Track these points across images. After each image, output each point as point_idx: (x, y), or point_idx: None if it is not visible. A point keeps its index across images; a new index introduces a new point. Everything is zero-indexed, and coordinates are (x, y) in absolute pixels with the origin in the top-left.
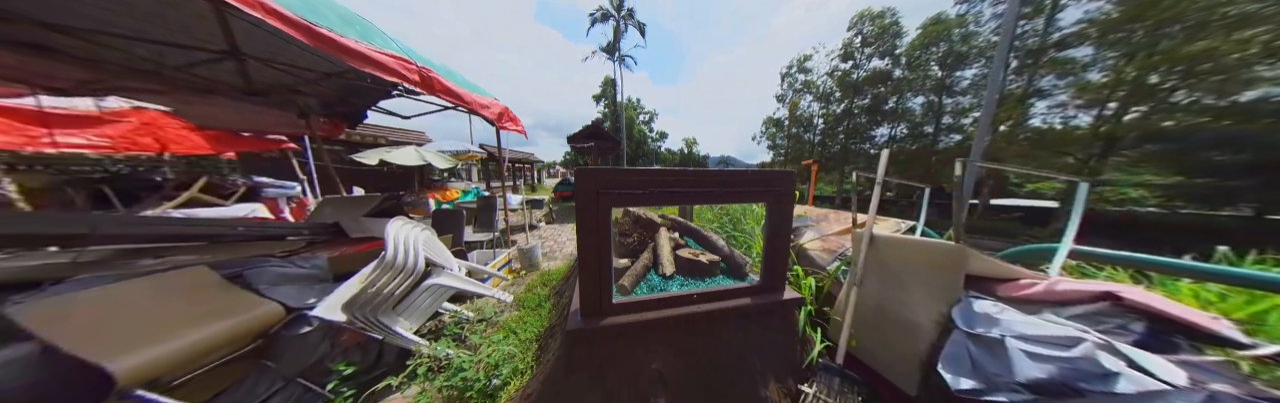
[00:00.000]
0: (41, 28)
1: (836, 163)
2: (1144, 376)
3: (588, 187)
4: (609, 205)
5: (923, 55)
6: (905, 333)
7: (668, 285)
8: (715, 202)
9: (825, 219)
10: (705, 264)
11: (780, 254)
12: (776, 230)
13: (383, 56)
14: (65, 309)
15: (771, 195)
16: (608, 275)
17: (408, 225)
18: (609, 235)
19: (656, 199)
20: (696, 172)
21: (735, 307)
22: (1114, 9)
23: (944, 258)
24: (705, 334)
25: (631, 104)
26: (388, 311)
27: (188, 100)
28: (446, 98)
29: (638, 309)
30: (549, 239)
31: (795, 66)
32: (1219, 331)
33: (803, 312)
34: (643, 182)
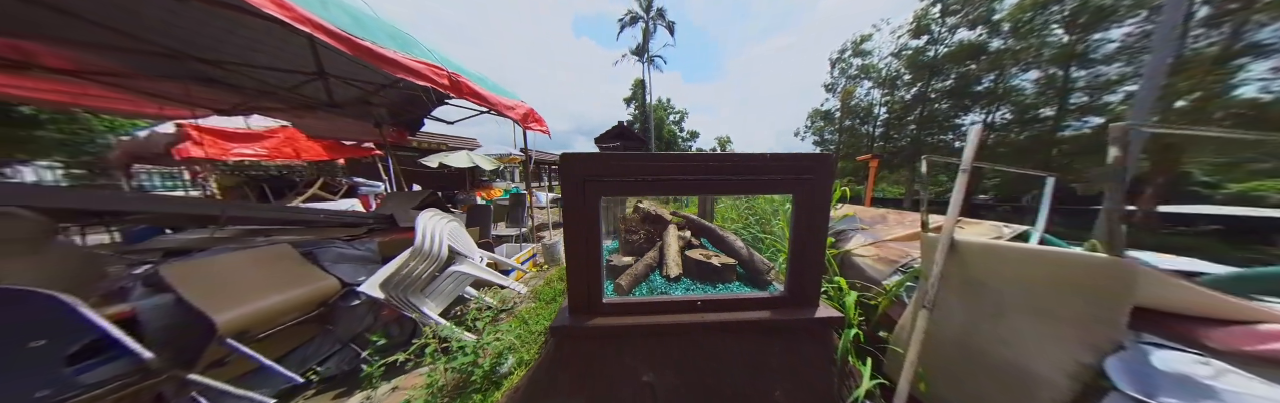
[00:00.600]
0: (205, 64)
1: (904, 160)
2: None
3: (573, 174)
4: (597, 195)
5: (1037, 17)
6: (1011, 385)
7: (671, 289)
8: (727, 193)
9: (882, 221)
10: (717, 267)
11: (813, 259)
12: (808, 229)
13: (415, 64)
14: (195, 270)
15: (802, 186)
16: (598, 270)
17: (437, 217)
18: (598, 227)
19: (653, 188)
20: (703, 156)
21: (749, 320)
22: None
23: (1092, 277)
24: (709, 350)
25: (661, 105)
26: (417, 292)
27: (299, 115)
28: (474, 100)
29: (631, 311)
30: None
31: (849, 50)
32: None
33: (846, 335)
34: (635, 168)
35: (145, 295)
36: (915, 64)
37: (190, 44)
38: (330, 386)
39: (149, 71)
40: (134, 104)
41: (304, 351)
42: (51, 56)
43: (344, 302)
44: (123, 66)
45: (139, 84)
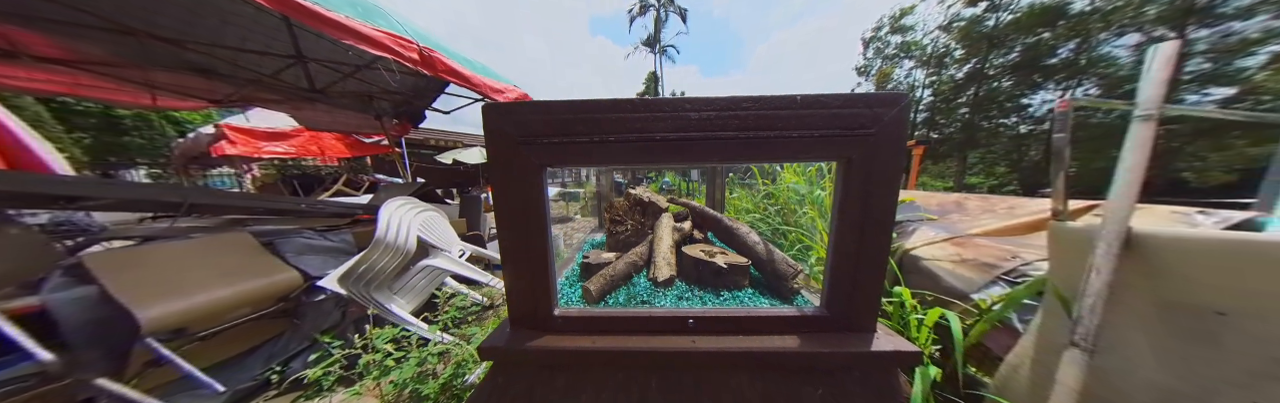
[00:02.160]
0: (167, 43)
1: (954, 147)
2: None
3: (503, 132)
4: (540, 166)
5: None
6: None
7: (657, 298)
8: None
9: (958, 209)
10: (722, 269)
11: (871, 259)
12: (866, 213)
13: (376, 33)
14: (129, 260)
15: (856, 147)
16: (545, 272)
17: (405, 206)
18: (545, 209)
19: (625, 154)
20: (699, 101)
21: (768, 351)
22: None
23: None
24: (706, 394)
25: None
26: (381, 288)
27: (298, 107)
28: (451, 78)
29: (593, 329)
30: (580, 231)
31: (886, 27)
32: None
33: (919, 377)
34: (599, 123)
35: (62, 288)
36: (970, 36)
37: (153, 24)
38: (297, 386)
39: (134, 59)
40: (132, 95)
41: (270, 348)
42: (38, 44)
43: (309, 297)
44: (104, 54)
45: (128, 73)
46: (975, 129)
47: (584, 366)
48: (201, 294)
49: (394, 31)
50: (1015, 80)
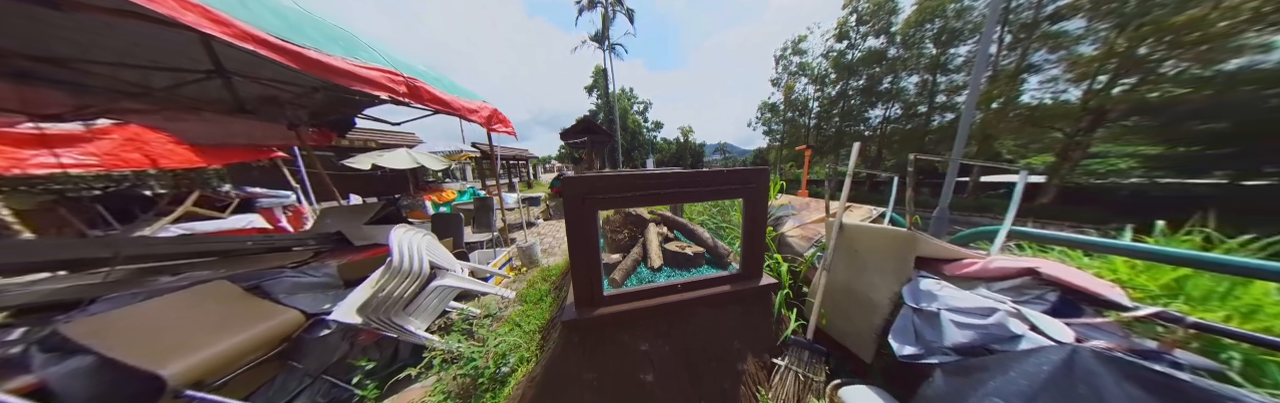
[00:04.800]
0: (28, 60)
1: (832, 147)
2: (1039, 336)
3: (575, 193)
4: (595, 209)
5: (917, 33)
6: (865, 310)
7: (656, 277)
8: (696, 200)
9: (806, 208)
10: (690, 256)
11: (757, 244)
12: (754, 222)
13: (370, 72)
14: (110, 324)
15: (747, 192)
16: (597, 271)
17: (410, 232)
18: (597, 236)
19: (640, 201)
20: (677, 173)
21: (716, 294)
22: None
23: (897, 244)
24: (689, 319)
25: (625, 94)
26: (399, 312)
27: (178, 118)
28: (435, 107)
29: (627, 300)
30: (548, 235)
31: (790, 48)
32: (1111, 297)
33: (779, 295)
34: (626, 185)
35: (51, 362)
36: (838, 64)
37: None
38: None
39: None
40: None
41: (264, 393)
42: None
43: (310, 333)
44: None
45: None
46: (844, 134)
47: (627, 320)
48: (211, 345)
49: (381, 66)
50: (861, 100)
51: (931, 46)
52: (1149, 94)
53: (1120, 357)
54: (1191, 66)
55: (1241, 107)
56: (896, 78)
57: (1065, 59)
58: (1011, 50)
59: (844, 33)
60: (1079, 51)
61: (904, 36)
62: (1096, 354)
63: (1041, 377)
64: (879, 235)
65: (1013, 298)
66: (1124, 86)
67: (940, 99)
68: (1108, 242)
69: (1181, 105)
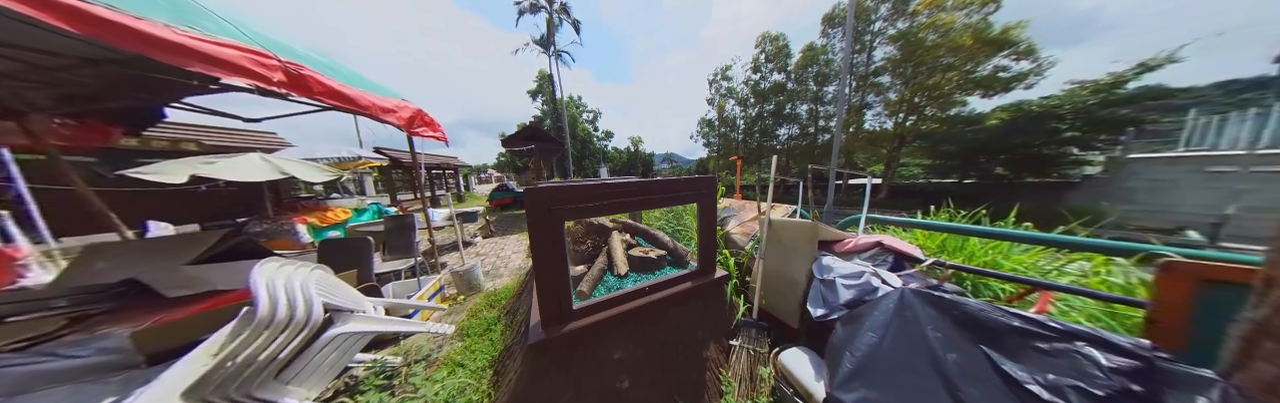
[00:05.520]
0: None
1: (756, 157)
2: (886, 285)
3: (539, 204)
4: (561, 220)
5: (804, 73)
6: (791, 288)
7: (623, 283)
8: (656, 207)
9: (744, 209)
10: (654, 259)
11: (711, 243)
12: (706, 224)
13: (221, 50)
14: None
15: (701, 197)
16: (566, 285)
17: (287, 267)
18: (564, 247)
19: (604, 210)
20: (640, 182)
21: (680, 291)
22: (896, 52)
23: (807, 233)
24: (658, 318)
25: (573, 102)
26: (268, 382)
27: None
28: (331, 102)
29: (597, 310)
30: (490, 255)
31: (719, 74)
32: (916, 255)
33: (730, 285)
34: (590, 195)
35: None
36: (755, 91)
37: None
38: None
39: None
40: None
41: None
42: None
43: None
44: None
45: None
46: (764, 148)
47: (600, 330)
48: None
49: (240, 43)
50: (772, 121)
51: (813, 84)
52: (921, 126)
53: (922, 291)
54: (938, 111)
55: (958, 137)
56: (794, 105)
57: (882, 101)
58: (857, 92)
59: (757, 66)
60: (889, 97)
61: (796, 74)
62: (912, 291)
63: (888, 311)
64: (795, 227)
65: (872, 263)
66: (911, 121)
67: (821, 123)
68: (909, 220)
69: (935, 134)
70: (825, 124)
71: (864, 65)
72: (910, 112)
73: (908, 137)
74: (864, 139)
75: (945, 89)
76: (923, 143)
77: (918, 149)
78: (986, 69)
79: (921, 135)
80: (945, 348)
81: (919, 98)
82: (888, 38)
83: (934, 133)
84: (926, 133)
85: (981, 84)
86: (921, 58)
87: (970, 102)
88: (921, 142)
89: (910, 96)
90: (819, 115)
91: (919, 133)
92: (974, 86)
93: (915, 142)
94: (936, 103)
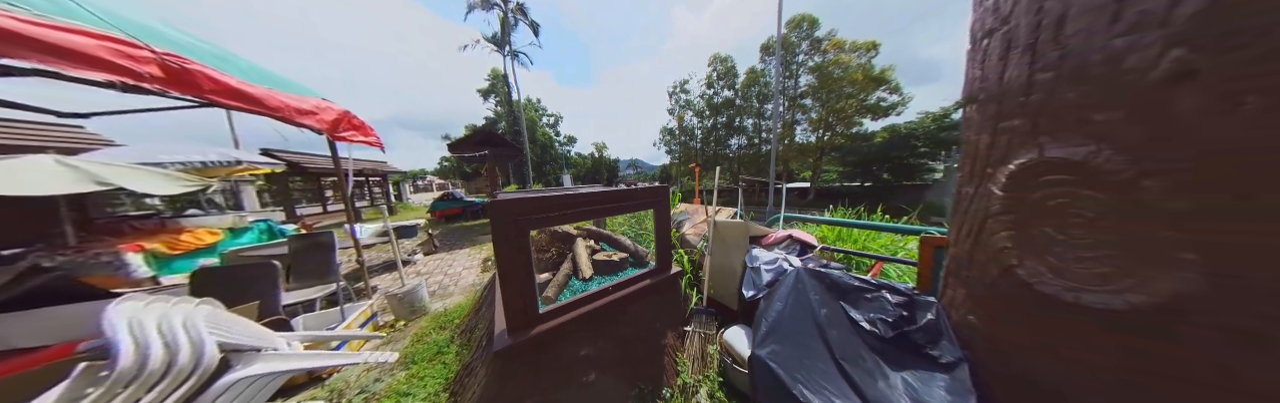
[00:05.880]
0: None
1: (712, 165)
2: (791, 267)
3: (505, 214)
4: (527, 229)
5: (749, 92)
6: (732, 277)
7: (588, 286)
8: (616, 213)
9: (696, 213)
10: (617, 262)
11: (666, 244)
12: (661, 227)
13: (67, 36)
14: None
15: (656, 204)
16: (532, 291)
17: (159, 304)
18: (530, 254)
19: (569, 218)
20: (599, 192)
21: (640, 288)
22: (815, 81)
23: (740, 230)
24: (621, 314)
25: (531, 104)
26: None
27: None
28: (229, 103)
29: (563, 312)
30: (435, 273)
31: (678, 88)
32: (813, 243)
33: (684, 279)
34: (555, 205)
35: None
36: (710, 105)
37: None
38: None
39: None
40: None
41: None
42: None
43: None
44: None
45: None
46: (718, 156)
47: (566, 331)
48: None
49: (88, 28)
50: (724, 132)
51: (756, 102)
52: (835, 141)
53: (811, 269)
54: (844, 129)
55: (858, 150)
56: (742, 119)
57: (807, 119)
58: (789, 110)
59: (711, 82)
60: (812, 116)
61: (743, 92)
62: (804, 270)
63: (789, 285)
64: (733, 227)
65: (785, 252)
66: (827, 136)
67: (764, 135)
68: (815, 217)
69: (843, 147)
70: (767, 136)
71: (793, 89)
72: (826, 128)
73: (826, 149)
74: (795, 150)
75: (848, 112)
76: (836, 154)
77: (833, 159)
78: (872, 99)
79: (835, 148)
80: (820, 306)
81: (831, 118)
82: (808, 68)
83: (842, 146)
84: (838, 146)
85: (870, 110)
86: (831, 86)
87: (864, 123)
88: (835, 153)
89: (826, 117)
90: (762, 128)
91: (833, 146)
92: (866, 111)
93: (831, 153)
94: (843, 123)
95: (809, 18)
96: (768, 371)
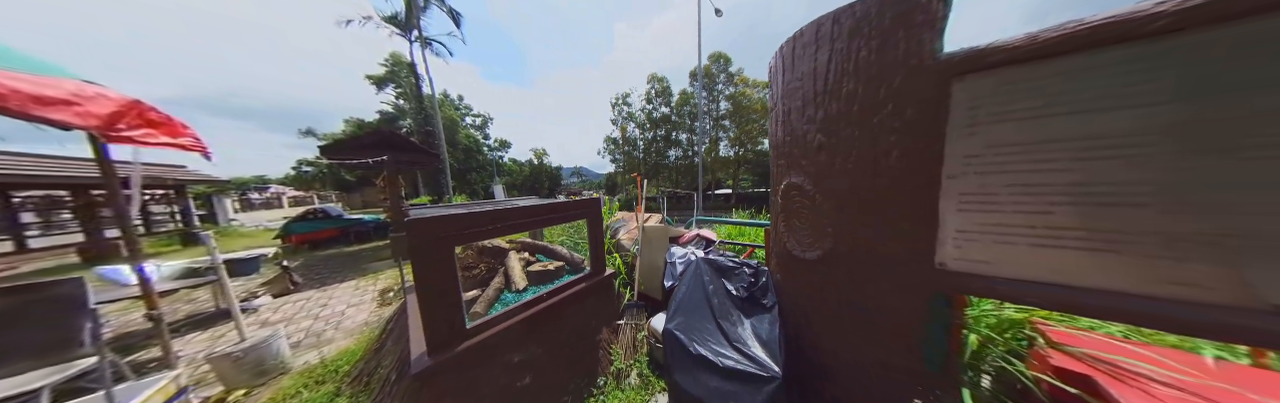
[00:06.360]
0: None
1: (654, 174)
2: (694, 258)
3: (426, 234)
4: (452, 246)
5: (682, 110)
6: (657, 272)
7: (522, 297)
8: (551, 224)
9: (630, 220)
10: (552, 271)
11: (600, 249)
12: (594, 235)
13: None
14: None
15: (589, 215)
16: (457, 308)
17: None
18: (455, 273)
19: (501, 231)
20: (532, 206)
21: (575, 291)
22: (731, 107)
23: (662, 233)
24: (559, 319)
25: (450, 101)
26: None
27: None
28: None
29: (493, 324)
30: (300, 317)
31: (621, 100)
32: (714, 239)
33: (618, 280)
34: (487, 219)
35: None
36: (650, 118)
37: None
38: None
39: None
40: None
41: None
42: None
43: None
44: None
45: None
46: (660, 166)
47: (496, 341)
48: None
49: None
50: (664, 144)
51: (688, 120)
52: (747, 156)
53: (706, 258)
54: (752, 146)
55: (760, 162)
56: (677, 133)
57: (727, 137)
58: (713, 129)
59: (650, 98)
60: (731, 135)
61: (677, 110)
62: (701, 259)
63: (691, 272)
64: (658, 230)
65: (695, 247)
66: (742, 151)
67: (696, 149)
68: (721, 219)
69: (752, 161)
70: (698, 150)
71: (716, 111)
72: (741, 145)
73: (742, 162)
74: (720, 162)
75: (753, 134)
76: (748, 166)
77: (747, 170)
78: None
79: (747, 161)
80: (709, 283)
81: (743, 138)
82: (726, 96)
83: (752, 160)
84: (749, 160)
85: (765, 133)
86: (742, 112)
87: (763, 142)
88: (748, 166)
89: (739, 136)
90: (694, 143)
91: (746, 160)
92: (764, 134)
93: (745, 165)
94: (751, 141)
95: (724, 55)
96: (674, 339)
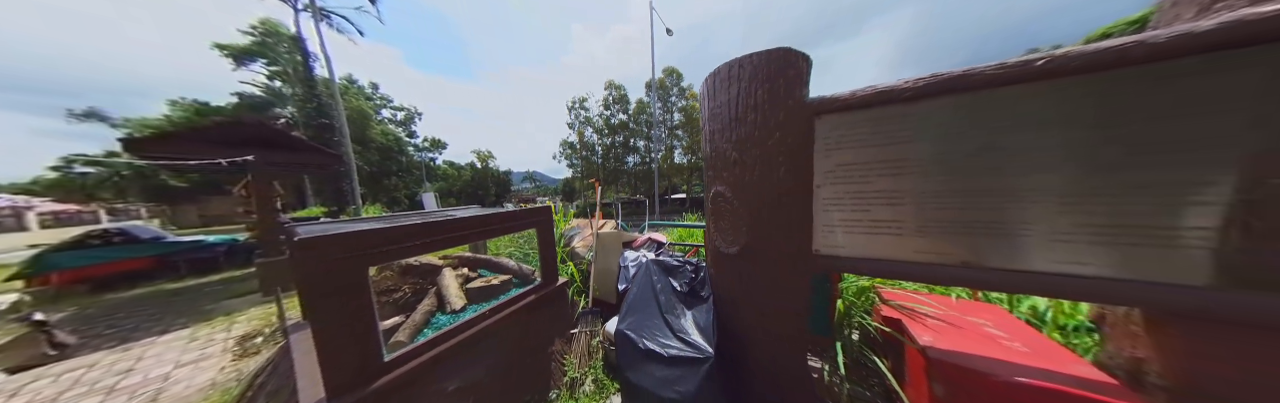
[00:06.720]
0: None
1: (613, 179)
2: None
3: (322, 256)
4: (365, 267)
5: (639, 118)
6: (611, 277)
7: (459, 317)
8: (494, 236)
9: (586, 227)
10: (497, 285)
11: (552, 259)
12: (545, 244)
13: None
14: None
15: (538, 224)
16: (372, 338)
17: None
18: (369, 297)
19: (428, 248)
20: (470, 217)
21: (525, 304)
22: (683, 118)
23: (616, 238)
24: (504, 334)
25: (357, 89)
26: None
27: None
28: None
29: (421, 353)
30: (80, 394)
31: (578, 104)
32: (667, 242)
33: (573, 288)
34: (407, 235)
35: None
36: (608, 124)
37: None
38: None
39: None
40: None
41: None
42: None
43: None
44: None
45: None
46: (618, 172)
47: (425, 370)
48: None
49: None
50: (622, 150)
51: (645, 127)
52: (699, 163)
53: (654, 259)
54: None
55: None
56: (635, 140)
57: (681, 145)
58: (669, 138)
59: (607, 105)
60: (685, 143)
61: (634, 118)
62: (649, 260)
63: (641, 274)
64: (612, 236)
65: (646, 251)
66: (694, 159)
67: (653, 155)
68: (667, 222)
69: (699, 167)
70: (655, 157)
71: (671, 121)
72: (693, 154)
73: (694, 169)
74: (675, 169)
75: None
76: (700, 173)
77: (699, 177)
78: None
79: (699, 169)
80: (657, 282)
81: (695, 146)
82: (680, 108)
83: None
84: (701, 167)
85: None
86: (692, 124)
87: None
88: (699, 172)
89: (691, 145)
90: (651, 150)
91: (698, 167)
92: None
93: (697, 172)
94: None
95: (676, 70)
96: (625, 338)
